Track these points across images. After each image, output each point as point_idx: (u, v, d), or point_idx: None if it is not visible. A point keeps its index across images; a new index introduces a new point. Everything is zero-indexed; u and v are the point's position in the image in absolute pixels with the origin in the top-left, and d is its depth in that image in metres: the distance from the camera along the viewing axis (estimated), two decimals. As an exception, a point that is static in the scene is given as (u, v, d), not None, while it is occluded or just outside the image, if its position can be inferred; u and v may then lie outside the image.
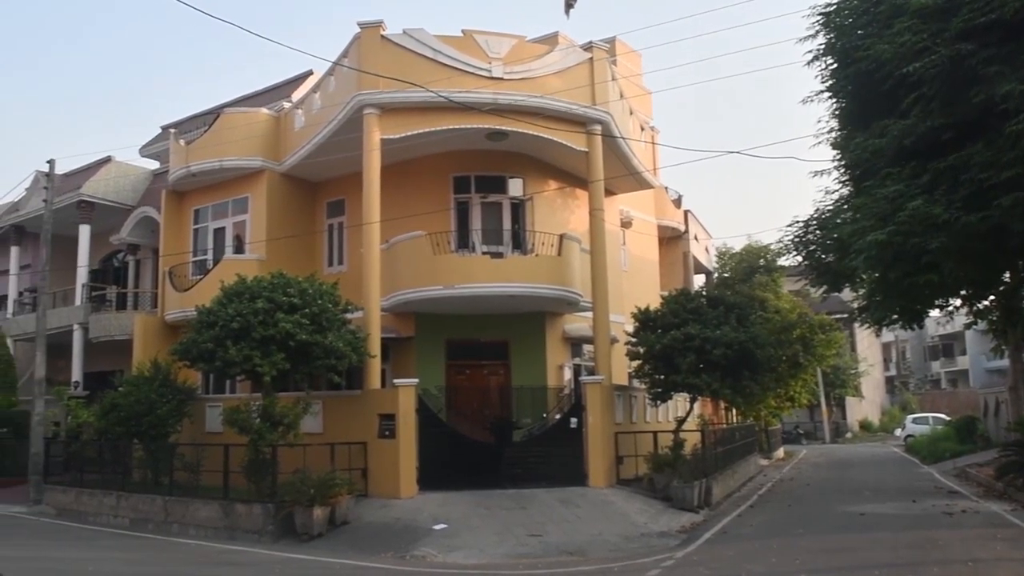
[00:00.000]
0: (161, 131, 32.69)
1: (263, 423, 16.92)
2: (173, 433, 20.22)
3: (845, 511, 17.93)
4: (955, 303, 23.16)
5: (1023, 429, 21.14)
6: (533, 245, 21.18)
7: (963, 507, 18.01)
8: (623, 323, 22.61)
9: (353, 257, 22.03)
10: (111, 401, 20.36)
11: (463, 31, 19.91)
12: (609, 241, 22.41)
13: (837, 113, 20.98)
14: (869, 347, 62.09)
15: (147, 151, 31.90)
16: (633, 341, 20.43)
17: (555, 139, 20.23)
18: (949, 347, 75.47)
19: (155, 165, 30.17)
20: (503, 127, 19.72)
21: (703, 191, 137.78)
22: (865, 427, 60.64)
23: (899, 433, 47.33)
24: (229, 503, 16.70)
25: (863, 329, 36.21)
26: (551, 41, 22.06)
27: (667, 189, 32.38)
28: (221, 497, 16.88)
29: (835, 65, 19.80)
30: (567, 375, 22.21)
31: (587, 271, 20.92)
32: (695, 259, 35.52)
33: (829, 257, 22.59)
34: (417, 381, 18.41)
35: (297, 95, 25.63)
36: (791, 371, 33.68)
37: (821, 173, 21.83)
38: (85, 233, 27.67)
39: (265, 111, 24.26)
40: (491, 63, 19.58)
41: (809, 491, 23.05)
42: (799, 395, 36.22)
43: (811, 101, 21.05)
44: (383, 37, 19.61)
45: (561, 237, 20.81)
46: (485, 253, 20.74)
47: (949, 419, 41.16)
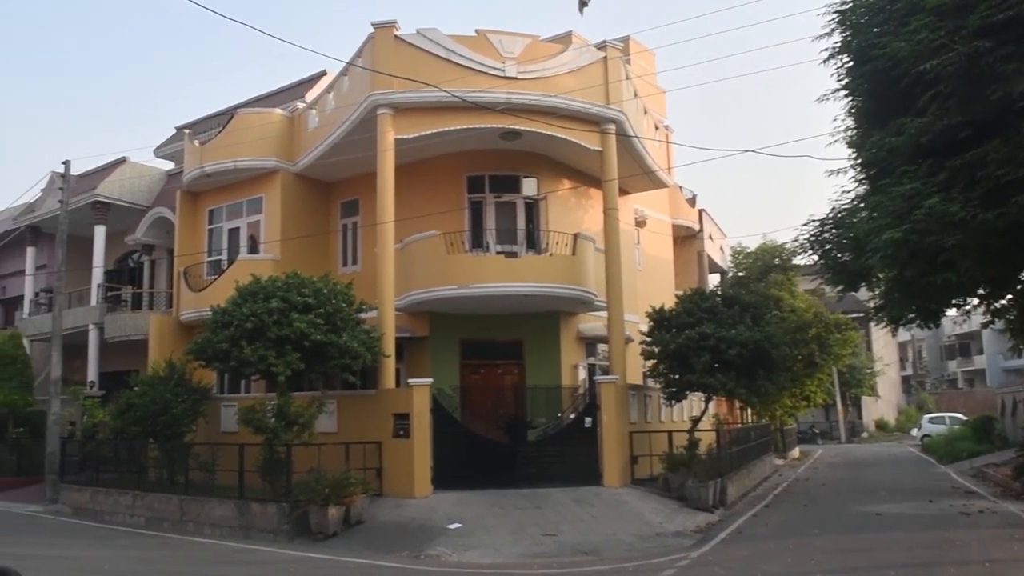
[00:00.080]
0: (175, 132, 32.88)
1: (278, 423, 16.96)
2: (188, 433, 20.31)
3: (861, 511, 17.83)
4: (972, 302, 22.98)
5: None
6: (547, 245, 21.17)
7: (980, 507, 17.90)
8: (638, 322, 22.56)
9: (367, 257, 22.06)
10: (126, 401, 20.47)
11: (476, 31, 19.91)
12: (623, 240, 22.39)
13: (853, 111, 20.85)
14: (885, 346, 61.76)
15: (162, 152, 32.14)
16: (648, 340, 20.38)
17: (569, 138, 20.21)
18: (966, 346, 75.03)
19: (170, 166, 30.34)
20: (517, 127, 19.71)
21: (718, 190, 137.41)
22: (881, 427, 60.29)
23: (915, 433, 47.10)
24: (244, 502, 16.76)
25: (879, 328, 35.91)
26: (565, 40, 22.04)
27: (681, 188, 32.31)
28: (236, 496, 16.95)
29: (851, 63, 19.67)
30: (581, 374, 22.19)
31: (601, 270, 20.88)
32: (710, 258, 35.46)
33: (845, 256, 22.45)
34: (431, 381, 18.42)
35: (311, 95, 25.74)
36: (806, 370, 33.55)
37: (837, 172, 21.72)
38: (100, 234, 27.79)
39: (279, 111, 24.34)
40: (505, 63, 19.58)
41: (824, 491, 22.94)
42: (815, 395, 36.09)
43: (827, 99, 20.95)
44: (397, 37, 19.64)
45: (575, 236, 20.78)
46: (499, 253, 20.75)
47: (966, 419, 40.91)
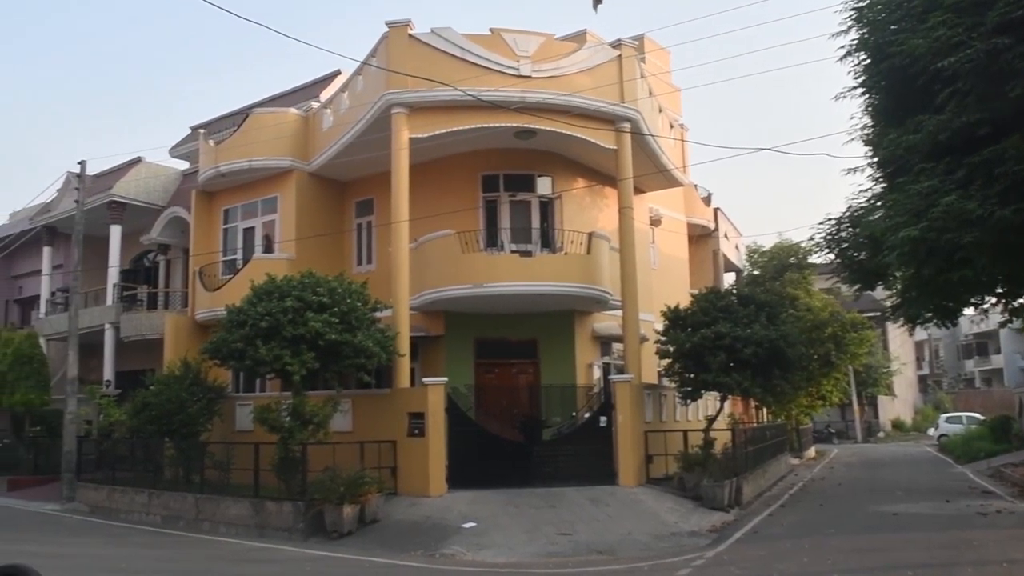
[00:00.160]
0: (191, 132, 33.03)
1: (293, 422, 16.99)
2: (204, 431, 20.39)
3: (877, 511, 17.73)
4: (990, 301, 22.81)
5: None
6: (562, 243, 21.13)
7: (998, 507, 17.77)
8: (653, 321, 22.49)
9: (382, 256, 22.07)
10: (142, 400, 20.56)
11: (491, 29, 19.88)
12: (638, 239, 22.33)
13: (870, 109, 20.72)
14: (902, 346, 61.42)
15: (177, 152, 32.27)
16: (663, 339, 20.32)
17: (584, 137, 20.16)
18: (983, 345, 74.38)
19: (185, 166, 30.45)
20: (531, 125, 19.67)
21: (733, 189, 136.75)
22: (898, 426, 59.96)
23: (932, 432, 46.84)
24: (259, 501, 16.80)
25: (896, 327, 35.72)
26: (579, 39, 21.97)
27: (696, 187, 32.19)
28: (251, 495, 17.00)
29: (868, 61, 19.54)
30: (596, 374, 22.15)
31: (616, 269, 20.82)
32: (725, 257, 35.34)
33: (862, 255, 22.31)
34: (446, 380, 18.40)
35: (325, 95, 25.78)
36: (823, 370, 33.44)
37: (854, 170, 21.59)
38: (116, 233, 27.90)
39: (294, 111, 24.40)
40: (519, 61, 19.55)
41: (841, 491, 22.83)
42: (831, 394, 35.96)
43: (843, 97, 20.83)
44: (411, 36, 19.64)
45: (590, 235, 20.73)
46: (514, 252, 20.73)
47: (983, 418, 40.60)
